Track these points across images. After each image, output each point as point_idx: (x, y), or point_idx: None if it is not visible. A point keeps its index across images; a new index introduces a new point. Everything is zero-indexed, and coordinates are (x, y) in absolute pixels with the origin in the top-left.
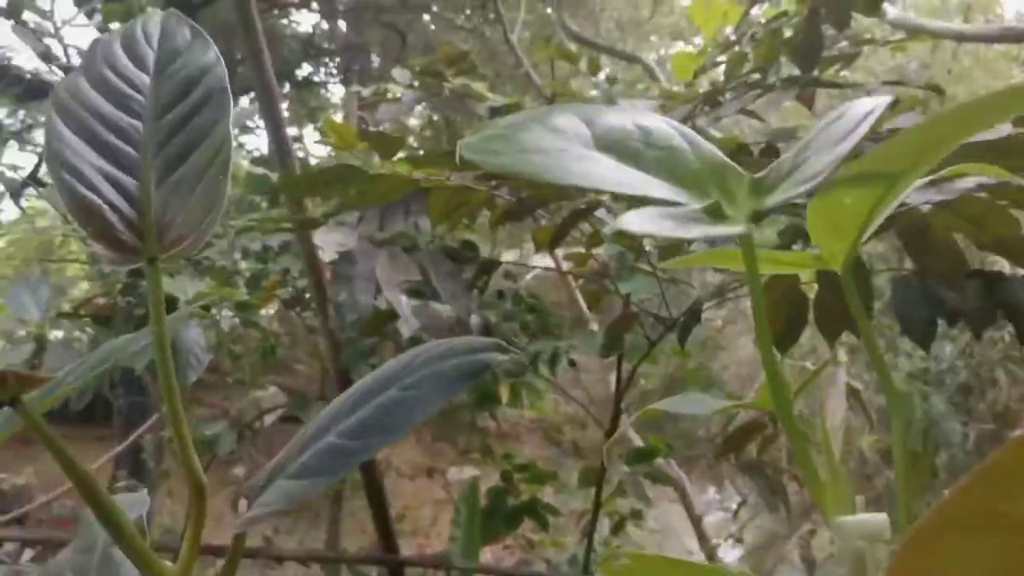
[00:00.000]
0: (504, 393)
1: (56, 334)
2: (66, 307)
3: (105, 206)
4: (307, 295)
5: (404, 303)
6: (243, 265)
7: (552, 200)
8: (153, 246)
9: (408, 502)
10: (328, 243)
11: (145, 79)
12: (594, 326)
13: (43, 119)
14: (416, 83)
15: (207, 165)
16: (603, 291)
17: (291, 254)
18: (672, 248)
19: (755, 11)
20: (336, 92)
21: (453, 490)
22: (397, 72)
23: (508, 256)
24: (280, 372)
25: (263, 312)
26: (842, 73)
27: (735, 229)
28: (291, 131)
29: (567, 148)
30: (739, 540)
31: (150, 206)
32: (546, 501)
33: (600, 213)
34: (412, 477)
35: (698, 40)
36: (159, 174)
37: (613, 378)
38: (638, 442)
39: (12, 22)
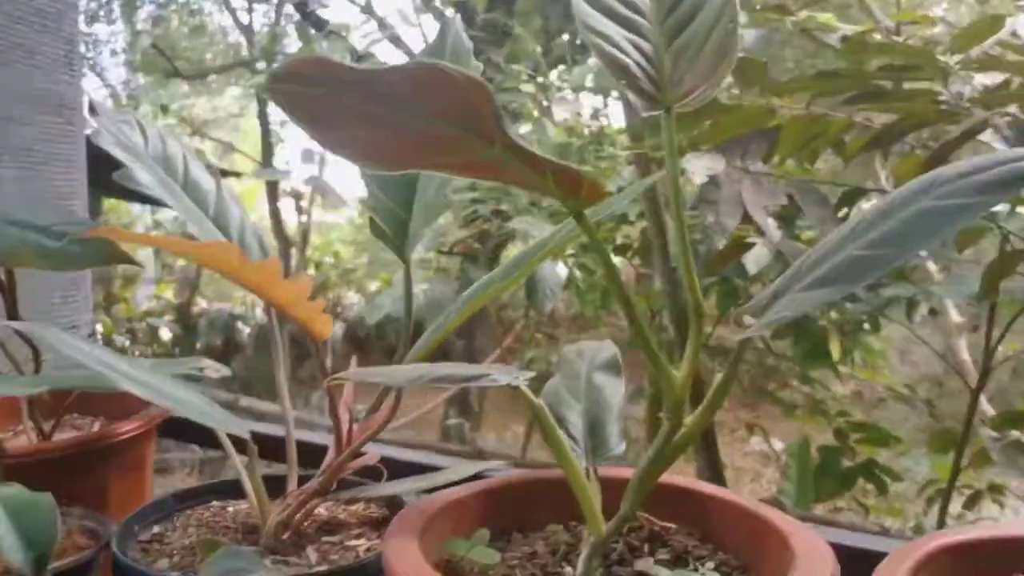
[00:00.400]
0: (835, 349)
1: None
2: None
3: (631, 63)
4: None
5: (771, 225)
6: None
7: (933, 122)
8: (668, 96)
9: (730, 458)
10: (696, 168)
11: None
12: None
13: None
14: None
15: (710, 28)
16: (978, 230)
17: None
18: None
19: None
20: None
21: (778, 448)
22: None
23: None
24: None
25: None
26: None
27: None
28: None
29: None
30: None
31: (663, 65)
32: (886, 465)
33: (985, 137)
34: (733, 431)
35: None
36: (667, 39)
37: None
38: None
39: None
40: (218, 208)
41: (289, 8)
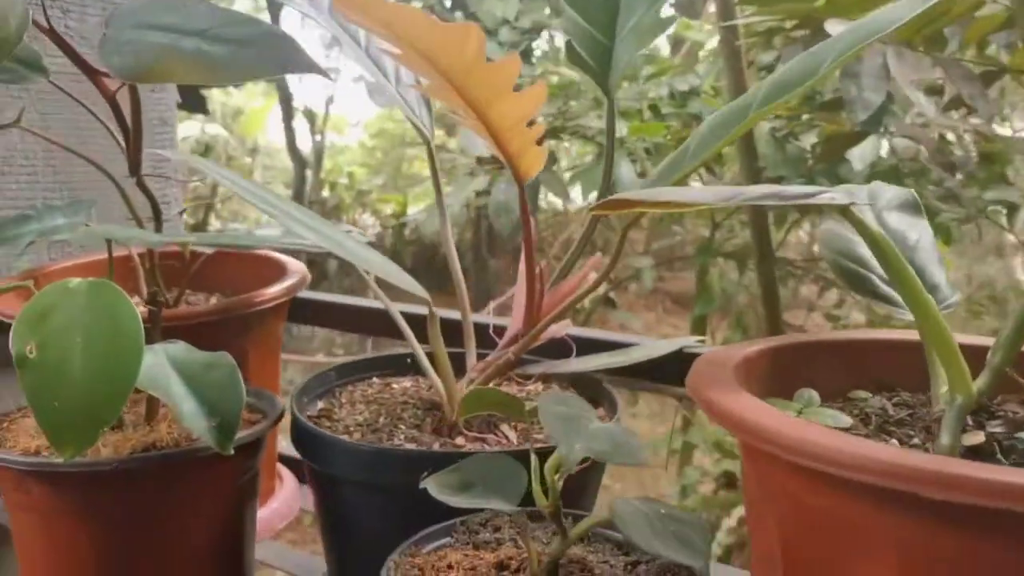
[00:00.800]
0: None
1: None
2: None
3: None
4: None
5: (922, 100)
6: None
7: None
8: None
9: None
10: (834, 28)
11: None
12: None
13: None
14: None
15: None
16: None
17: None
18: None
19: None
20: None
21: None
22: None
23: None
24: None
25: None
26: None
27: None
28: None
29: None
30: None
31: None
32: None
33: None
34: None
35: None
36: None
37: None
38: None
39: None
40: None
41: None
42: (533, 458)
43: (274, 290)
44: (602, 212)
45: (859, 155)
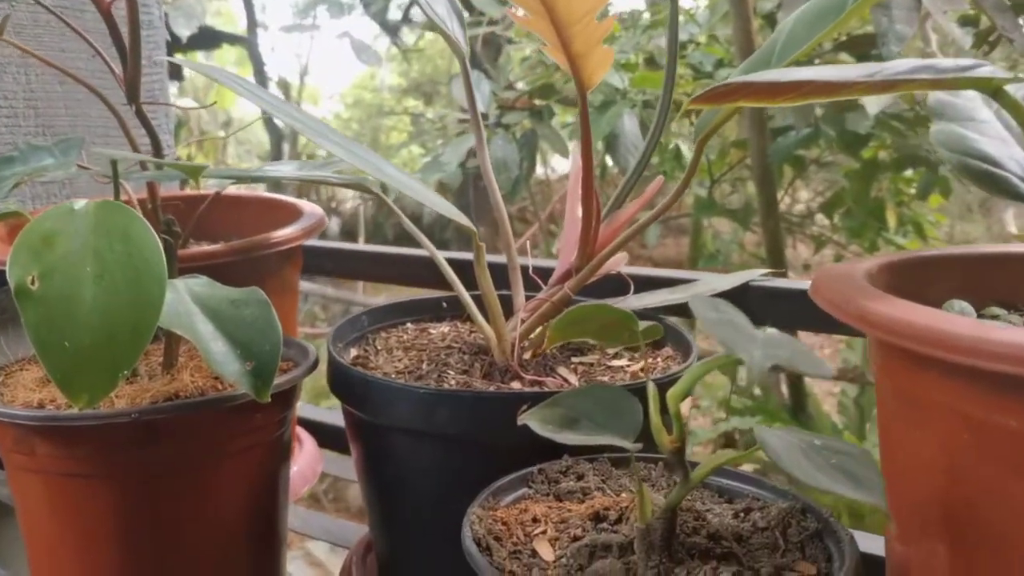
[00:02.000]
0: (891, 219)
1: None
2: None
3: None
4: None
5: (957, 32)
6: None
7: None
8: None
9: None
10: None
11: None
12: None
13: None
14: None
15: None
16: None
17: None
18: None
19: None
20: None
21: None
22: None
23: None
24: None
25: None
26: None
27: None
28: None
29: None
30: None
31: None
32: None
33: None
34: None
35: None
36: None
37: None
38: None
39: None
40: None
41: None
42: (651, 386)
43: (291, 230)
44: (705, 104)
45: (874, 99)
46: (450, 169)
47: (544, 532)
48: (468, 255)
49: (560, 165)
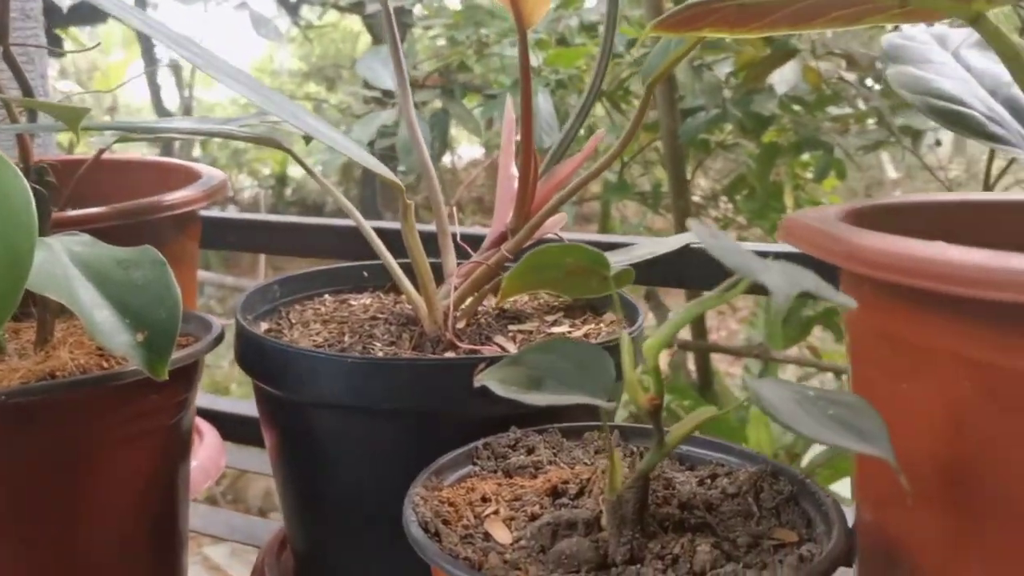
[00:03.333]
0: (789, 201)
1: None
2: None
3: None
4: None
5: None
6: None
7: None
8: None
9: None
10: None
11: None
12: None
13: None
14: None
15: None
16: None
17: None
18: None
19: None
20: None
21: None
22: None
23: None
24: None
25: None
26: None
27: None
28: None
29: None
30: None
31: None
32: None
33: None
34: None
35: None
36: None
37: None
38: None
39: None
40: None
41: None
42: (625, 337)
43: (187, 192)
44: (668, 30)
45: (780, 79)
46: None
47: (497, 512)
48: (391, 224)
49: (467, 152)
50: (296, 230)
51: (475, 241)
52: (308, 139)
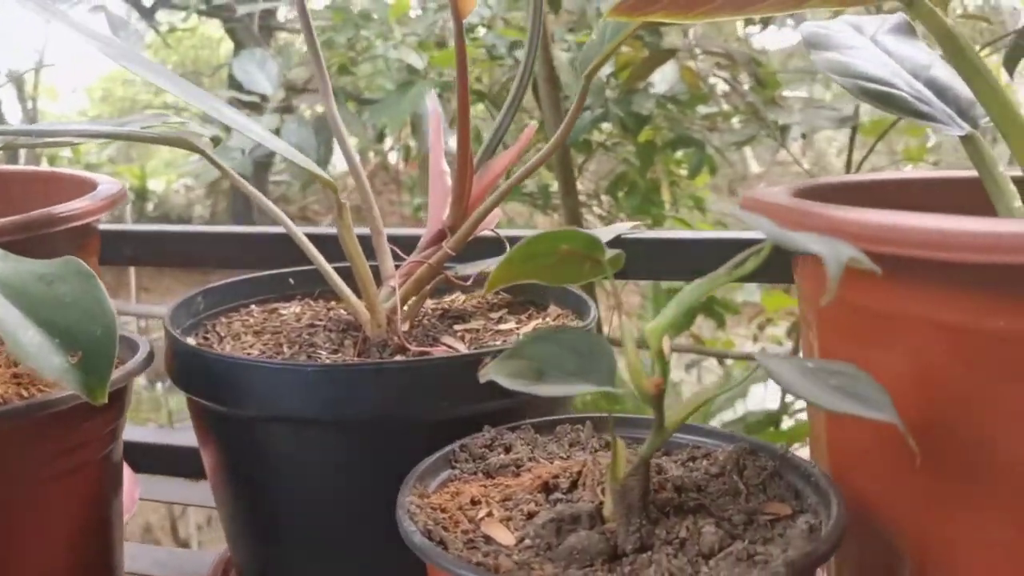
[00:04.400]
0: (666, 197)
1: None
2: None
3: None
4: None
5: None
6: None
7: None
8: None
9: None
10: None
11: None
12: None
13: None
14: None
15: None
16: None
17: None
18: None
19: None
20: None
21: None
22: None
23: None
24: None
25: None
26: None
27: None
28: None
29: None
30: None
31: None
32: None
33: None
34: None
35: None
36: None
37: None
38: None
39: None
40: None
41: None
42: (625, 323)
43: (83, 203)
44: (624, 14)
45: (661, 78)
46: (238, 156)
47: (491, 514)
48: (316, 229)
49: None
50: (206, 239)
51: (403, 242)
52: (217, 141)
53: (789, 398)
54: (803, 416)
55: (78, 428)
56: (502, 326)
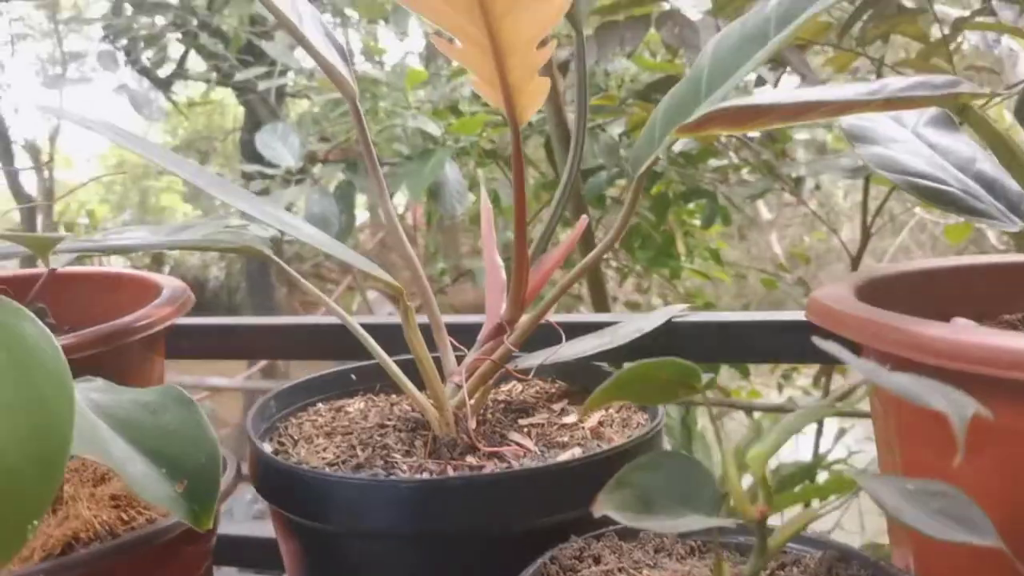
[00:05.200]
0: (681, 248)
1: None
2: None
3: None
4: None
5: (767, 72)
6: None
7: None
8: None
9: None
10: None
11: None
12: None
13: None
14: None
15: None
16: None
17: None
18: None
19: None
20: None
21: None
22: None
23: None
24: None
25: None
26: None
27: None
28: None
29: None
30: None
31: None
32: None
33: None
34: None
35: None
36: None
37: None
38: None
39: None
40: None
41: None
42: (726, 448)
43: (160, 308)
44: (689, 133)
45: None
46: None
47: None
48: (371, 319)
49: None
50: (264, 332)
51: (456, 329)
52: (277, 244)
53: (822, 448)
54: (838, 467)
55: (180, 552)
56: (565, 419)
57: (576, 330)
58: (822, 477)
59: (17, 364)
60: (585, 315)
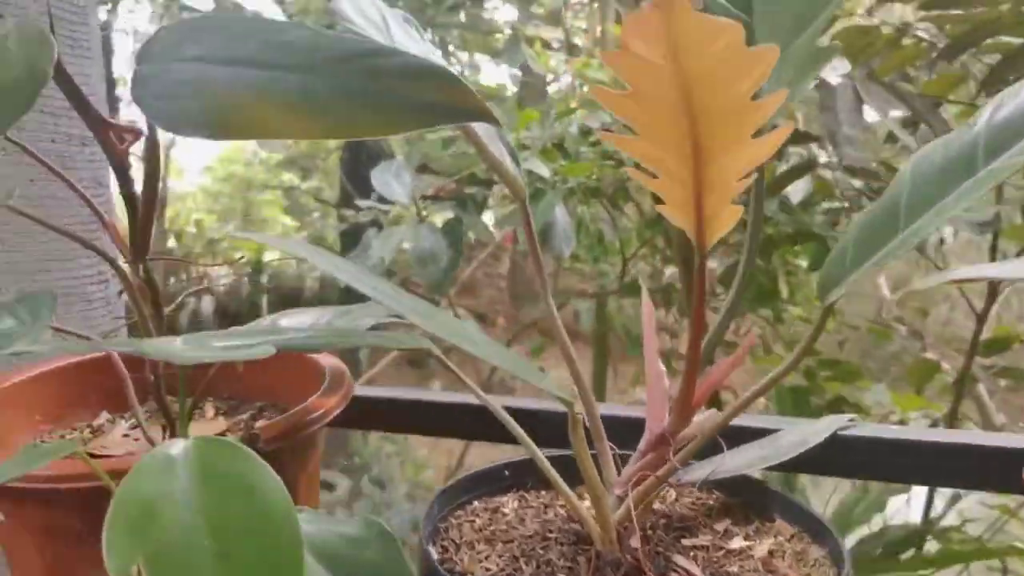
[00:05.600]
0: (783, 288)
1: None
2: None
3: None
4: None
5: (902, 132)
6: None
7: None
8: None
9: None
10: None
11: None
12: None
13: None
14: None
15: None
16: None
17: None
18: None
19: None
20: None
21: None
22: None
23: None
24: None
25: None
26: None
27: None
28: None
29: None
30: None
31: None
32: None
33: None
34: None
35: None
36: None
37: None
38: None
39: None
40: None
41: None
42: None
43: (333, 398)
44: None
45: (795, 189)
46: (377, 264)
47: None
48: (513, 401)
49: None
50: (439, 410)
51: (612, 423)
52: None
53: (934, 512)
54: (951, 535)
55: None
56: (732, 544)
57: (727, 432)
58: (931, 545)
59: (254, 519)
60: (742, 418)
